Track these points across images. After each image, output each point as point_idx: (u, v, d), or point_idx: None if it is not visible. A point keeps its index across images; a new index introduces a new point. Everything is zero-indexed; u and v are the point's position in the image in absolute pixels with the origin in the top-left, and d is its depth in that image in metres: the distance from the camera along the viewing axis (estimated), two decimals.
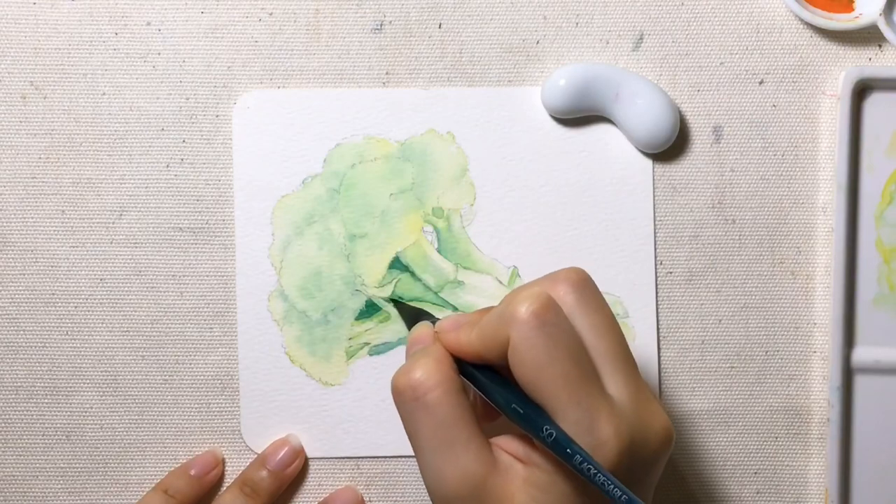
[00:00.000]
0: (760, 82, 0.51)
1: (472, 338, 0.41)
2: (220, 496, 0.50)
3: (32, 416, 0.51)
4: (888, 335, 0.51)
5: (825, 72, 0.51)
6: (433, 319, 0.46)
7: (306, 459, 0.51)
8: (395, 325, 0.51)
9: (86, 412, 0.51)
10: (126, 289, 0.51)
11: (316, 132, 0.51)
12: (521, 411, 0.40)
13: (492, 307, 0.42)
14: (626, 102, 0.50)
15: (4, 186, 0.51)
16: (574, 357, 0.39)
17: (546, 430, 0.38)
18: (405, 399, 0.40)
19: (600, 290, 0.50)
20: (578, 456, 0.38)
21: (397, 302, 0.50)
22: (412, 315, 0.49)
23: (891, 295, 0.51)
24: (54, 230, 0.51)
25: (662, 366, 0.51)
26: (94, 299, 0.51)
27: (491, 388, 0.41)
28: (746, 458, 0.51)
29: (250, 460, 0.51)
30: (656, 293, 0.51)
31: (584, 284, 0.41)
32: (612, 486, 0.37)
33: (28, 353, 0.51)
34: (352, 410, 0.51)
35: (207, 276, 0.51)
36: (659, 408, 0.41)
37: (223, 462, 0.51)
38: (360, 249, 0.51)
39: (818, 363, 0.51)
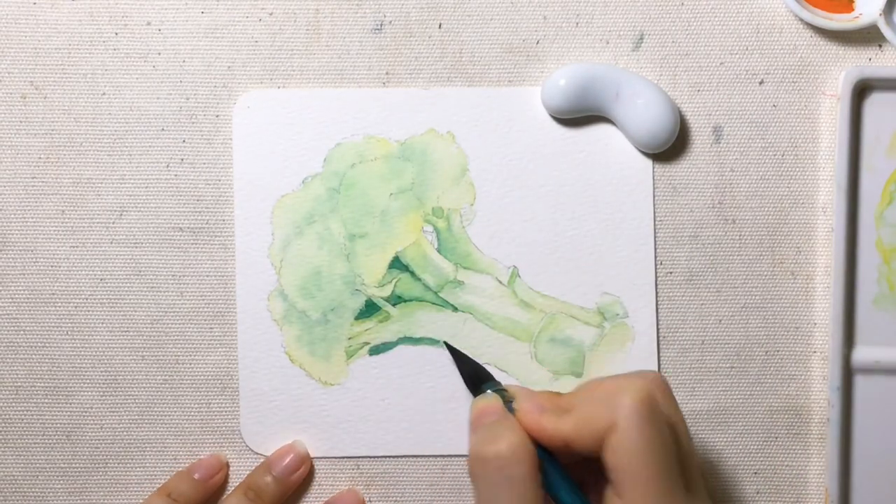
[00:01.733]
0: (760, 82, 0.51)
1: (564, 424, 0.41)
2: (224, 500, 0.49)
3: (32, 416, 0.51)
4: (888, 335, 0.51)
5: (825, 72, 0.51)
6: (494, 382, 0.47)
7: (312, 465, 0.51)
8: (394, 325, 0.51)
9: (86, 412, 0.51)
10: (126, 289, 0.51)
11: (316, 132, 0.51)
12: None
13: (565, 394, 0.44)
14: (626, 102, 0.50)
15: (4, 186, 0.51)
16: (671, 456, 0.40)
17: None
18: (489, 469, 0.41)
19: (600, 290, 0.50)
20: None
21: (453, 349, 0.50)
22: (471, 369, 0.48)
23: (891, 295, 0.51)
24: (54, 230, 0.51)
25: (662, 366, 0.51)
26: (94, 299, 0.51)
27: (560, 483, 0.42)
28: (746, 458, 0.51)
29: (250, 460, 0.51)
30: (656, 293, 0.51)
31: (670, 390, 0.43)
32: None
33: (28, 353, 0.51)
34: (351, 410, 0.51)
35: (207, 275, 0.51)
36: None
37: (227, 466, 0.51)
38: (360, 249, 0.51)
39: (818, 363, 0.51)
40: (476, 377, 0.48)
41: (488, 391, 0.45)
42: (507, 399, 0.44)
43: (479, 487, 0.41)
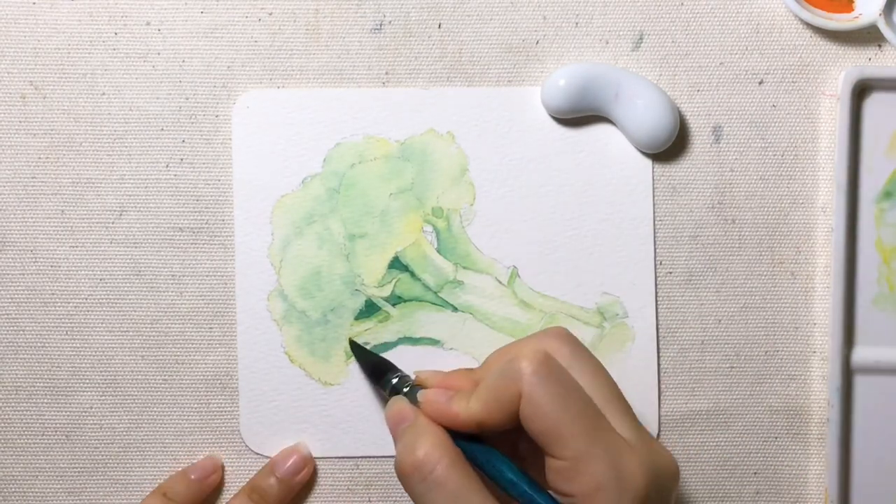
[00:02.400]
0: (760, 82, 0.51)
1: (473, 406, 0.42)
2: (229, 502, 0.49)
3: (32, 416, 0.51)
4: (888, 335, 0.51)
5: (825, 72, 0.51)
6: (396, 372, 0.47)
7: (315, 467, 0.51)
8: (394, 325, 0.51)
9: (86, 412, 0.51)
10: (126, 289, 0.51)
11: (316, 132, 0.51)
12: (523, 481, 0.41)
13: (474, 369, 0.45)
14: (625, 102, 0.50)
15: (4, 186, 0.51)
16: (584, 401, 0.41)
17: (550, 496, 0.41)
18: (414, 481, 0.41)
19: (600, 290, 0.50)
20: None
21: (356, 345, 0.50)
22: (371, 364, 0.49)
23: (891, 295, 0.51)
24: (54, 230, 0.51)
25: (662, 366, 0.51)
26: (94, 299, 0.51)
27: (488, 462, 0.42)
28: (746, 458, 0.51)
29: (250, 460, 0.51)
30: (656, 293, 0.51)
31: (572, 338, 0.44)
32: None
33: (28, 353, 0.51)
34: (351, 410, 0.51)
35: (207, 275, 0.51)
36: (661, 446, 0.42)
37: (223, 468, 0.51)
38: (360, 249, 0.51)
39: (818, 363, 0.51)
40: (376, 369, 0.48)
41: (396, 396, 0.45)
42: (415, 388, 0.45)
43: (413, 498, 0.42)
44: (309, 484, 0.51)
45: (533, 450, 0.42)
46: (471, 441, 0.43)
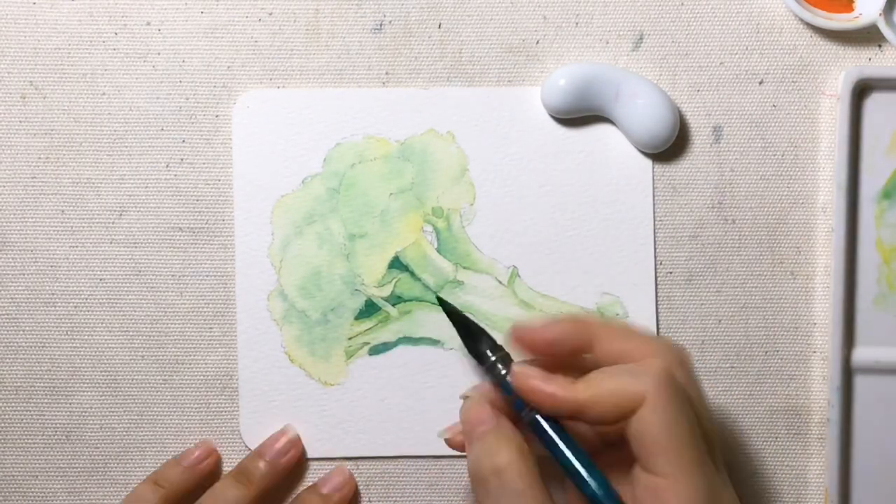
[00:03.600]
0: (760, 82, 0.51)
1: (580, 391, 0.40)
2: (214, 486, 0.49)
3: (32, 416, 0.51)
4: (888, 335, 0.51)
5: (825, 72, 0.51)
6: (490, 341, 0.44)
7: (306, 457, 0.51)
8: (394, 325, 0.51)
9: (86, 412, 0.51)
10: (126, 289, 0.51)
11: (316, 132, 0.51)
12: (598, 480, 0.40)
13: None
14: (626, 102, 0.50)
15: (4, 186, 0.51)
16: (697, 428, 0.40)
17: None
18: (491, 485, 0.40)
19: (600, 290, 0.50)
20: None
21: (445, 304, 0.47)
22: (466, 327, 0.46)
23: (891, 295, 0.51)
24: (54, 230, 0.51)
25: None
26: (94, 299, 0.51)
27: (575, 454, 0.41)
28: (746, 458, 0.51)
29: None
30: (656, 293, 0.51)
31: (690, 361, 0.42)
32: None
33: (28, 353, 0.51)
34: (351, 410, 0.51)
35: (207, 275, 0.51)
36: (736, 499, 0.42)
37: (216, 453, 0.51)
38: (360, 249, 0.51)
39: (818, 363, 0.51)
40: (471, 332, 0.45)
41: (474, 394, 0.43)
42: (506, 363, 0.43)
43: (481, 501, 0.41)
44: (308, 484, 0.51)
45: (609, 461, 0.41)
46: (557, 430, 0.41)
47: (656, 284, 0.51)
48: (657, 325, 0.51)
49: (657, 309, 0.51)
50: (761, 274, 0.51)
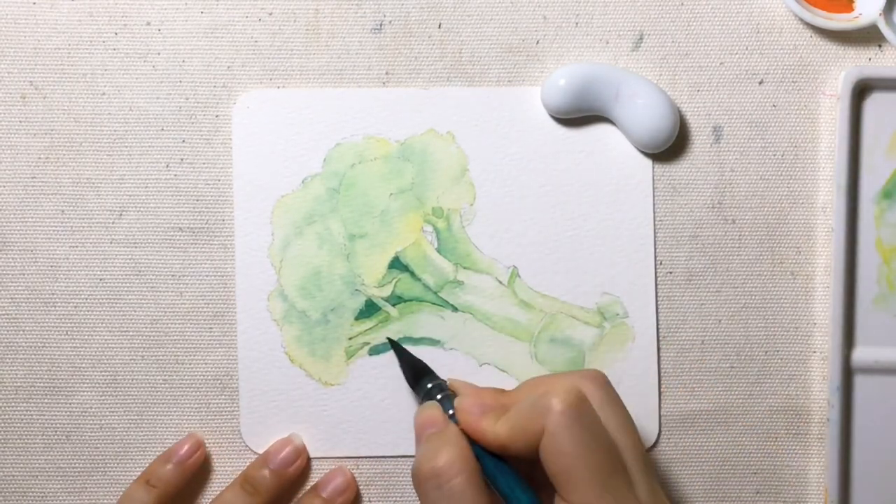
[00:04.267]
0: (760, 82, 0.51)
1: (500, 429, 0.42)
2: (221, 494, 0.49)
3: (32, 416, 0.51)
4: (888, 335, 0.51)
5: (825, 72, 0.51)
6: (435, 378, 0.47)
7: (308, 460, 0.51)
8: (394, 325, 0.51)
9: (86, 412, 0.51)
10: (126, 289, 0.51)
11: (316, 132, 0.51)
12: None
13: (508, 391, 0.45)
14: (626, 102, 0.50)
15: (4, 186, 0.51)
16: (607, 451, 0.41)
17: None
18: (429, 487, 0.41)
19: (600, 290, 0.50)
20: None
21: (396, 345, 0.50)
22: (411, 364, 0.49)
23: (891, 295, 0.51)
24: (54, 230, 0.51)
25: (662, 366, 0.51)
26: (94, 299, 0.51)
27: (503, 480, 0.42)
28: (746, 458, 0.51)
29: (250, 460, 0.51)
30: (656, 293, 0.51)
31: (608, 383, 0.43)
32: None
33: (28, 353, 0.51)
34: (351, 410, 0.51)
35: (207, 276, 0.51)
36: None
37: (203, 444, 0.51)
38: (360, 249, 0.51)
39: (818, 363, 0.51)
40: (416, 372, 0.48)
41: (430, 402, 0.46)
42: (450, 396, 0.45)
43: (423, 502, 0.42)
44: (308, 482, 0.51)
45: (548, 482, 0.42)
46: (494, 456, 0.43)
47: (656, 284, 0.51)
48: (657, 325, 0.51)
49: (657, 309, 0.51)
50: (761, 274, 0.51)
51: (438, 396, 0.46)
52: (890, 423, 0.51)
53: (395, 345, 0.50)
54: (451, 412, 0.45)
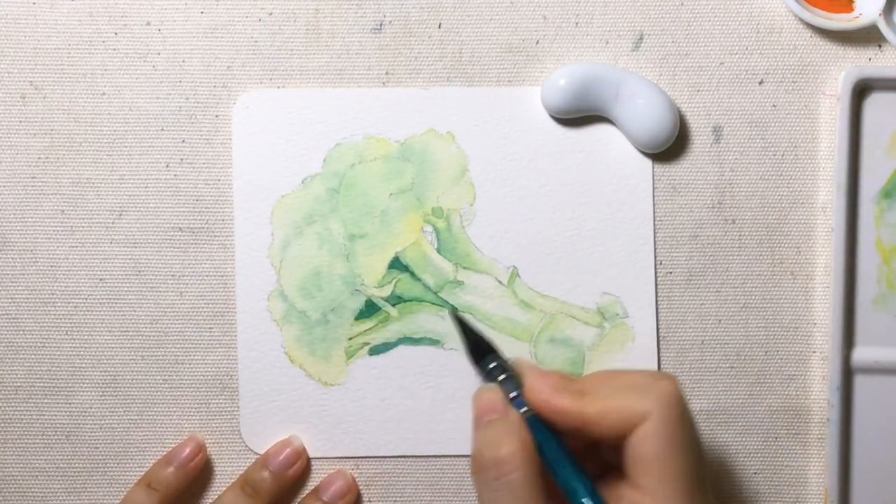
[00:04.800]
0: (760, 82, 0.51)
1: (587, 405, 0.40)
2: (221, 496, 0.49)
3: (32, 416, 0.51)
4: (888, 335, 0.51)
5: (825, 72, 0.51)
6: (498, 358, 0.44)
7: (308, 461, 0.51)
8: (394, 325, 0.51)
9: (86, 412, 0.51)
10: (126, 289, 0.51)
11: (316, 132, 0.51)
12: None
13: (577, 378, 0.42)
14: (625, 102, 0.50)
15: (4, 186, 0.51)
16: (698, 455, 0.40)
17: None
18: (489, 476, 0.40)
19: (600, 290, 0.50)
20: None
21: (459, 319, 0.46)
22: (475, 341, 0.45)
23: (890, 295, 0.51)
24: (54, 230, 0.51)
25: (662, 366, 0.51)
26: (94, 299, 0.51)
27: (563, 468, 0.41)
28: (746, 458, 0.51)
29: (250, 460, 0.51)
30: (656, 293, 0.51)
31: (683, 398, 0.42)
32: None
33: (28, 353, 0.51)
34: (351, 410, 0.51)
35: (207, 276, 0.51)
36: None
37: (204, 447, 0.51)
38: (360, 249, 0.51)
39: (818, 363, 0.51)
40: (479, 349, 0.45)
41: (490, 384, 0.43)
42: (513, 377, 0.43)
43: (480, 490, 0.41)
44: (309, 484, 0.51)
45: (601, 471, 0.42)
46: (554, 442, 0.41)
47: (656, 284, 0.51)
48: (657, 325, 0.51)
49: (657, 309, 0.51)
50: (761, 274, 0.51)
51: (501, 378, 0.43)
52: (890, 423, 0.51)
53: (458, 319, 0.46)
54: (512, 395, 0.42)
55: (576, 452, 0.41)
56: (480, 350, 0.44)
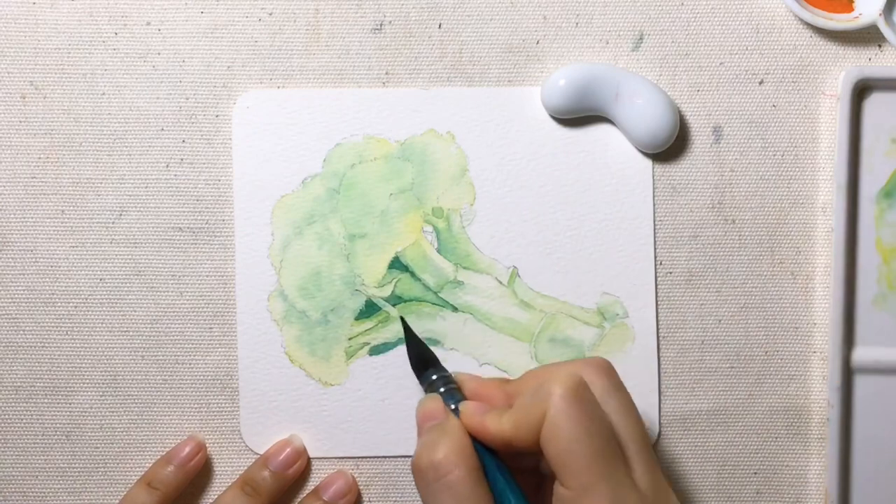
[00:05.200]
0: (760, 82, 0.51)
1: (504, 424, 0.42)
2: (222, 495, 0.49)
3: (32, 416, 0.51)
4: (888, 335, 0.51)
5: (825, 72, 0.51)
6: (441, 370, 0.47)
7: (309, 460, 0.51)
8: (394, 325, 0.51)
9: (86, 412, 0.51)
10: (126, 289, 0.51)
11: (316, 132, 0.51)
12: None
13: (512, 381, 0.45)
14: (625, 102, 0.50)
15: (4, 186, 0.51)
16: (606, 436, 0.40)
17: None
18: (428, 479, 0.41)
19: (600, 290, 0.50)
20: None
21: (407, 329, 0.49)
22: (418, 352, 0.48)
23: (890, 295, 0.51)
24: (54, 230, 0.51)
25: (662, 366, 0.51)
26: (94, 299, 0.51)
27: (499, 480, 0.42)
28: (746, 458, 0.51)
29: (250, 460, 0.51)
30: (656, 293, 0.51)
31: (611, 371, 0.43)
32: None
33: (28, 353, 0.51)
34: (351, 410, 0.51)
35: (207, 276, 0.51)
36: (675, 500, 0.42)
37: (205, 447, 0.51)
38: (360, 249, 0.51)
39: (818, 363, 0.51)
40: (422, 361, 0.48)
41: (432, 394, 0.46)
42: (454, 390, 0.45)
43: (423, 495, 0.42)
44: (309, 484, 0.51)
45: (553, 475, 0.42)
46: (492, 454, 0.43)
47: (656, 284, 0.51)
48: (657, 325, 0.51)
49: (657, 309, 0.51)
50: (761, 274, 0.51)
51: (441, 389, 0.46)
52: (890, 423, 0.51)
53: (406, 329, 0.49)
54: (453, 406, 0.44)
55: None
56: (423, 362, 0.48)
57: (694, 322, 0.51)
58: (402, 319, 0.49)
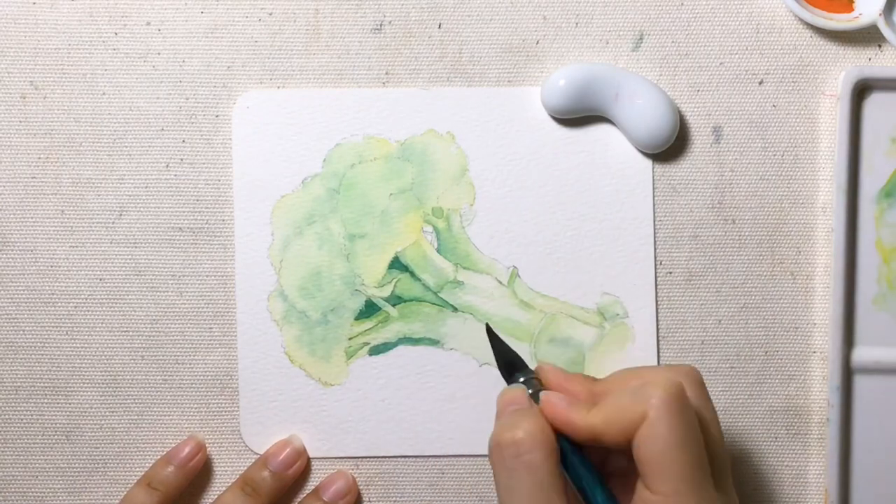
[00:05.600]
0: (760, 82, 0.51)
1: (594, 417, 0.41)
2: (221, 496, 0.50)
3: (32, 416, 0.51)
4: (888, 335, 0.51)
5: (825, 72, 0.51)
6: (529, 373, 0.45)
7: (308, 461, 0.51)
8: (394, 325, 0.51)
9: (86, 412, 0.51)
10: (126, 289, 0.51)
11: (316, 132, 0.51)
12: None
13: (598, 379, 0.44)
14: (625, 102, 0.50)
15: (4, 186, 0.51)
16: (700, 448, 0.40)
17: None
18: (506, 455, 0.40)
19: (600, 290, 0.50)
20: None
21: (492, 335, 0.47)
22: (505, 357, 0.46)
23: (890, 295, 0.51)
24: (54, 230, 0.51)
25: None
26: (94, 299, 0.51)
27: (585, 475, 0.41)
28: (746, 458, 0.51)
29: (250, 460, 0.51)
30: (656, 293, 0.51)
31: (702, 382, 0.43)
32: None
33: (28, 353, 0.51)
34: (351, 410, 0.51)
35: (207, 276, 0.51)
36: None
37: (205, 447, 0.51)
38: (360, 249, 0.51)
39: (818, 363, 0.51)
40: (511, 366, 0.46)
41: (514, 385, 0.44)
42: (538, 388, 0.44)
43: (498, 473, 0.41)
44: (309, 484, 0.51)
45: (622, 471, 0.42)
46: (572, 449, 0.42)
47: (656, 284, 0.51)
48: (657, 325, 0.51)
49: (657, 309, 0.51)
50: (761, 274, 0.51)
51: (529, 392, 0.44)
52: (890, 423, 0.51)
53: (491, 335, 0.47)
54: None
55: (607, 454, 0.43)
56: (511, 365, 0.46)
57: (694, 322, 0.51)
58: (488, 326, 0.48)
